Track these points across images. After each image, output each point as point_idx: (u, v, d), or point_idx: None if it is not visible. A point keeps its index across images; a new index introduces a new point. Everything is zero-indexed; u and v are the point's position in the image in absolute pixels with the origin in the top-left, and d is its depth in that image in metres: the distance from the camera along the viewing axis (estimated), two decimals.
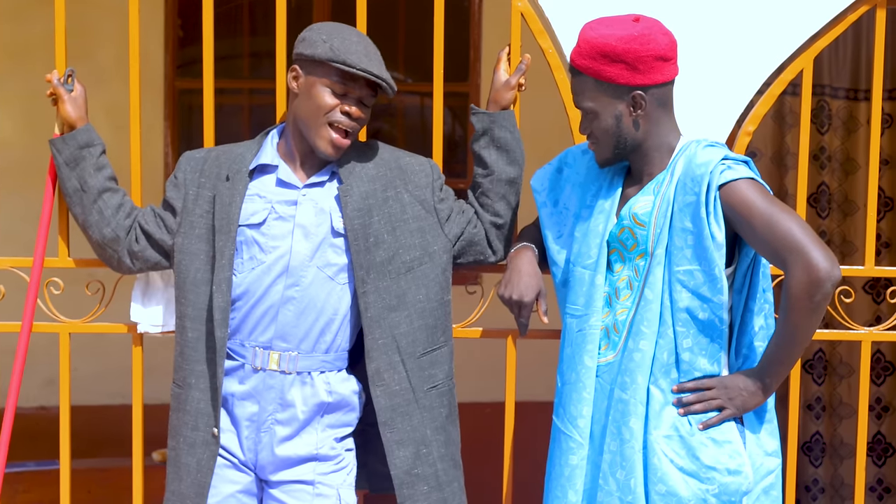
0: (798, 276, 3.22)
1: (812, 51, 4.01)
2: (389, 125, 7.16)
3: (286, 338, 3.57)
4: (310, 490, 3.60)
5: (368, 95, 3.59)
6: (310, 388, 3.60)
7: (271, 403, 3.58)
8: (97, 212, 3.74)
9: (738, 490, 3.34)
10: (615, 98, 3.39)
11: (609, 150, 3.45)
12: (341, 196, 3.57)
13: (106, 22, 6.60)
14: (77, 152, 3.76)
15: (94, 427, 5.41)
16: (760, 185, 3.35)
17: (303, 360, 3.59)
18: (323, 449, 3.61)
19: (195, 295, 3.63)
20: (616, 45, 3.33)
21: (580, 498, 3.46)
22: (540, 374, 5.22)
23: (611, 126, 3.41)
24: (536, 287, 3.62)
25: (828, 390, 6.70)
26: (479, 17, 6.80)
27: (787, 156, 6.48)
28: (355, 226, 3.56)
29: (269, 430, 3.59)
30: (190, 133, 6.86)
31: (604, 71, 3.36)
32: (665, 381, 3.37)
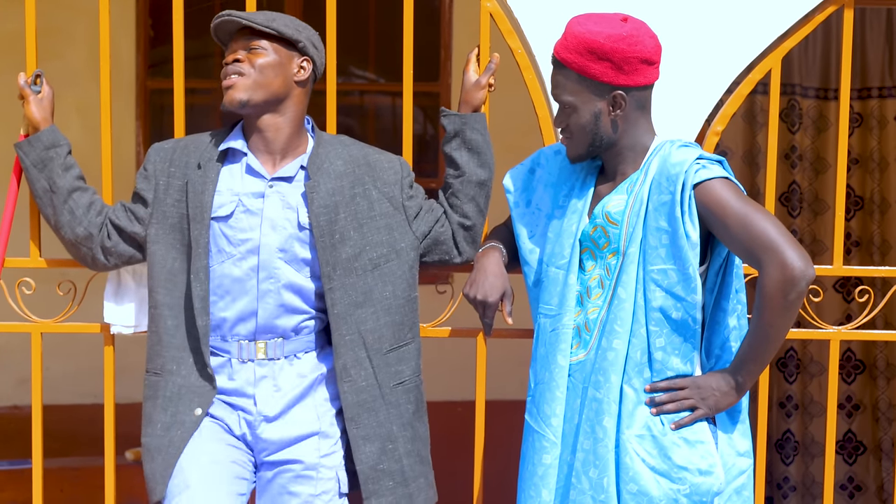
0: (772, 275, 3.24)
1: (780, 50, 4.03)
2: (360, 125, 7.16)
3: (270, 329, 3.59)
4: (312, 475, 3.62)
5: (253, 43, 3.62)
6: (298, 366, 3.63)
7: (265, 391, 3.60)
8: (68, 211, 3.75)
9: (709, 490, 3.35)
10: (596, 95, 3.40)
11: (583, 146, 3.46)
12: (308, 192, 3.59)
13: (77, 22, 6.59)
14: (44, 153, 3.76)
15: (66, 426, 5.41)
16: (734, 185, 3.37)
17: (290, 345, 3.62)
18: (324, 425, 3.64)
19: (172, 284, 3.64)
20: (604, 43, 3.34)
21: (553, 497, 3.47)
22: (511, 372, 5.24)
23: (588, 122, 3.42)
24: (501, 287, 3.64)
25: (799, 388, 6.73)
26: (450, 17, 6.81)
27: (758, 155, 6.51)
28: (321, 222, 3.58)
29: (263, 414, 3.61)
30: (161, 133, 6.84)
31: (589, 67, 3.36)
32: (638, 381, 3.38)
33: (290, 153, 3.67)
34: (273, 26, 3.60)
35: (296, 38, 3.64)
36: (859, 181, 6.63)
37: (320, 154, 3.67)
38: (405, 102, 4.00)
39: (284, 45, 3.64)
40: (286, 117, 3.65)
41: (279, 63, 3.62)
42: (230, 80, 3.60)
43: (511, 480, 4.72)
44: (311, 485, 3.62)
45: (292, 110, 3.66)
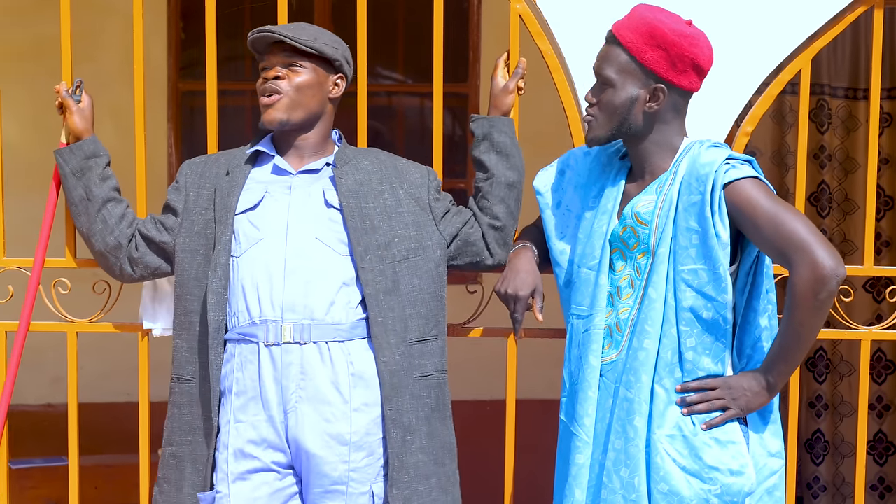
0: (803, 274, 3.24)
1: (810, 51, 4.04)
2: (388, 126, 7.18)
3: (296, 308, 3.57)
4: (342, 490, 3.61)
5: (291, 59, 3.67)
6: (329, 360, 3.59)
7: (293, 381, 3.58)
8: (101, 220, 3.79)
9: (740, 491, 3.36)
10: (639, 81, 3.40)
11: (607, 128, 3.46)
12: (336, 178, 3.65)
13: (109, 25, 6.63)
14: (83, 162, 3.81)
15: (100, 424, 5.45)
16: (764, 185, 3.38)
17: (317, 329, 3.59)
18: (357, 435, 3.61)
19: (199, 290, 3.67)
20: (667, 34, 3.35)
21: (586, 496, 3.48)
22: (540, 372, 5.26)
23: (622, 105, 3.42)
24: (532, 283, 3.65)
25: (829, 388, 6.73)
26: (478, 19, 6.82)
27: (787, 155, 6.50)
28: (350, 204, 3.62)
29: (294, 410, 3.58)
30: (193, 134, 6.89)
31: (644, 51, 3.37)
32: (669, 381, 3.39)
33: (317, 155, 3.74)
34: (315, 46, 3.65)
35: (335, 58, 3.70)
36: (889, 181, 6.62)
37: (347, 154, 3.75)
38: (435, 105, 4.02)
39: (323, 63, 3.70)
40: (316, 130, 3.74)
41: (318, 83, 3.69)
42: (270, 100, 3.65)
43: (541, 480, 4.75)
44: (341, 499, 3.62)
45: (324, 124, 3.76)
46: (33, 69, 6.37)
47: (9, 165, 4.13)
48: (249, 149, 3.74)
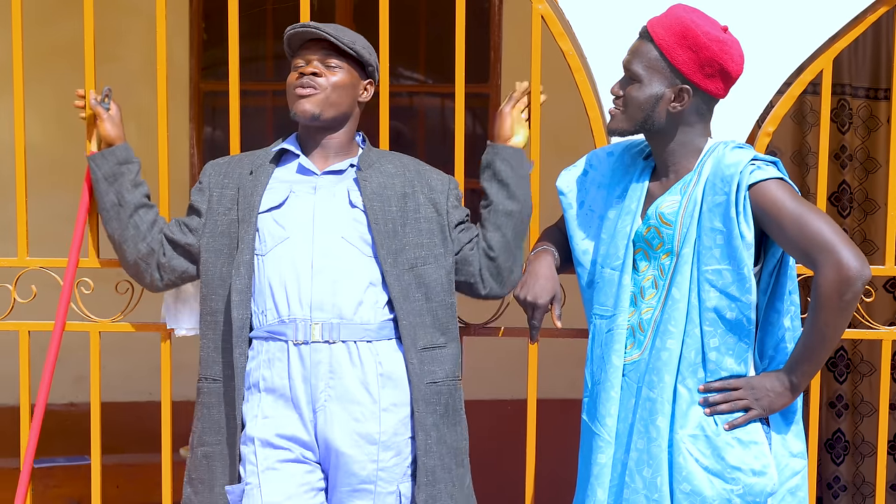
0: (828, 275, 3.25)
1: (832, 51, 4.04)
2: (410, 127, 7.19)
3: (324, 307, 3.58)
4: (370, 489, 3.62)
5: (328, 56, 3.68)
6: (357, 360, 3.61)
7: (321, 380, 3.59)
8: (133, 227, 3.80)
9: (762, 491, 3.36)
10: (666, 80, 3.41)
11: (630, 122, 3.47)
12: (360, 180, 3.67)
13: (131, 25, 6.65)
14: (116, 168, 3.83)
15: (121, 423, 5.47)
16: (789, 186, 3.38)
17: (346, 329, 3.60)
18: (385, 434, 3.63)
19: (224, 289, 3.69)
20: (700, 36, 3.36)
21: (608, 496, 3.49)
22: (561, 372, 5.26)
23: (646, 102, 3.43)
24: (551, 290, 3.65)
25: (849, 388, 6.72)
26: (500, 19, 6.82)
27: (807, 155, 6.50)
28: (375, 207, 3.64)
29: (323, 408, 3.59)
30: (214, 134, 6.91)
31: (674, 50, 3.38)
32: (692, 381, 3.39)
33: (342, 156, 3.75)
34: (355, 48, 3.68)
35: (369, 63, 3.74)
36: None
37: (371, 156, 3.76)
38: (457, 105, 4.03)
39: (357, 66, 3.73)
40: (343, 131, 3.76)
41: (351, 84, 3.71)
42: (305, 91, 3.65)
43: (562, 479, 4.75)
44: (369, 499, 3.63)
45: (350, 125, 3.77)
46: (56, 69, 6.39)
47: (32, 165, 4.15)
48: (274, 147, 3.75)
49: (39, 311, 4.13)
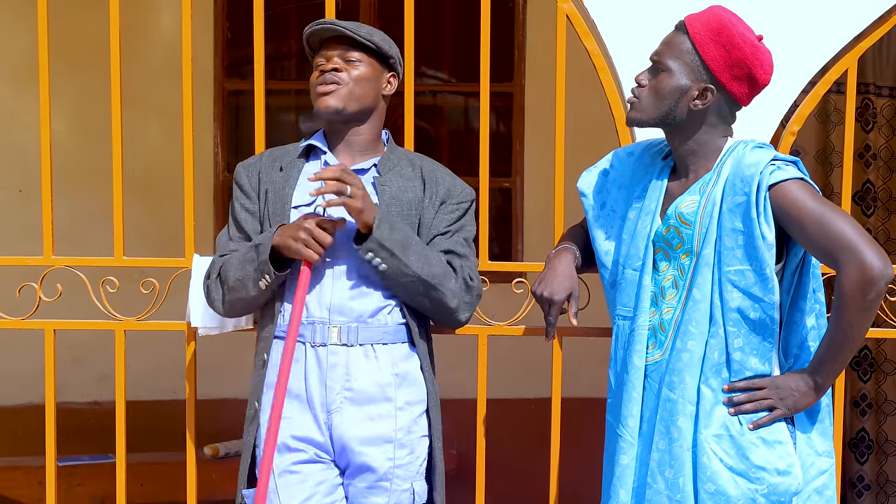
0: (851, 275, 3.24)
1: (857, 50, 4.03)
2: (433, 125, 7.20)
3: (343, 311, 3.60)
4: (386, 486, 3.64)
5: (348, 52, 3.68)
6: (374, 361, 3.62)
7: (338, 382, 3.60)
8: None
9: (787, 490, 3.35)
10: (693, 74, 3.39)
11: (651, 113, 3.44)
12: (377, 185, 3.66)
13: (155, 24, 6.68)
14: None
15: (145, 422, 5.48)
16: (810, 186, 3.37)
17: (364, 332, 3.61)
18: (401, 432, 3.64)
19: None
20: (735, 37, 3.35)
21: (630, 497, 3.49)
22: (584, 370, 5.27)
23: (670, 93, 3.40)
24: (569, 288, 3.64)
25: (873, 387, 6.71)
26: (524, 18, 6.83)
27: (831, 154, 6.49)
28: (392, 212, 3.63)
29: (339, 410, 3.60)
30: (238, 133, 6.93)
31: (707, 45, 3.36)
32: (716, 381, 3.38)
33: (368, 154, 3.74)
34: (373, 40, 3.68)
35: (390, 55, 3.73)
36: None
37: (392, 158, 3.76)
38: (482, 105, 4.03)
39: (378, 59, 3.72)
40: (368, 125, 3.74)
41: (373, 77, 3.70)
42: (327, 87, 3.65)
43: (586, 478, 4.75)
44: (384, 495, 3.65)
45: (375, 120, 3.76)
46: (81, 68, 6.42)
47: (57, 164, 4.16)
48: (302, 143, 3.76)
49: (65, 310, 4.14)
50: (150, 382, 6.21)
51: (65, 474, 5.65)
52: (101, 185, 3.98)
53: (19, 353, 5.59)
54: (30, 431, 5.40)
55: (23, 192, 6.60)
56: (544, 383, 4.29)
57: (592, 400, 4.86)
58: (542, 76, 6.61)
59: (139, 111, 6.27)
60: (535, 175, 6.81)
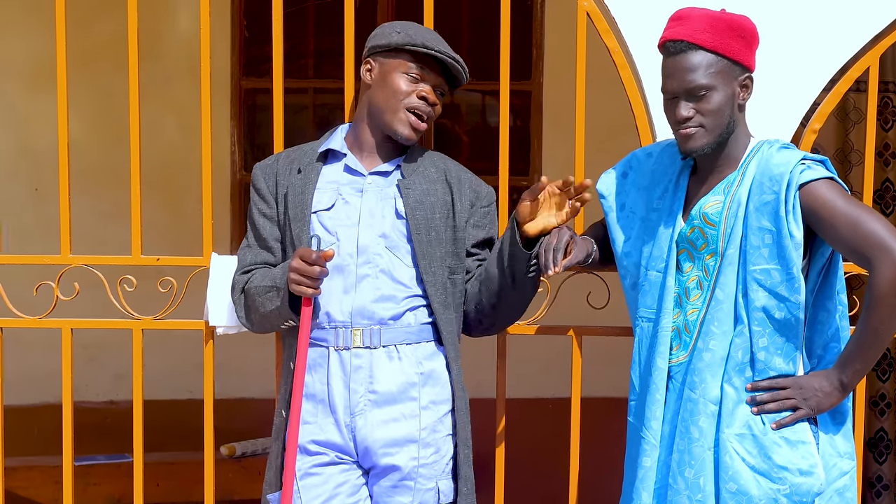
0: (886, 274, 3.23)
1: (878, 49, 4.01)
2: (452, 123, 7.19)
3: (365, 314, 3.59)
4: (410, 485, 3.63)
5: (442, 84, 3.68)
6: (398, 362, 3.61)
7: (361, 384, 3.60)
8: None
9: (809, 491, 3.35)
10: (731, 76, 3.37)
11: (715, 133, 3.39)
12: (402, 188, 3.64)
13: (172, 23, 6.67)
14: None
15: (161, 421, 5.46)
16: (839, 185, 3.36)
17: (387, 334, 3.60)
18: (425, 431, 3.63)
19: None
20: (740, 21, 3.36)
21: (653, 498, 3.49)
22: (603, 370, 5.24)
23: (725, 105, 3.37)
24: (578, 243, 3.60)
25: (892, 387, 6.69)
26: (542, 16, 6.81)
27: (850, 152, 6.46)
28: (417, 216, 3.62)
29: (362, 413, 3.59)
30: (255, 132, 6.92)
31: (729, 45, 3.34)
32: (739, 380, 3.38)
33: (390, 155, 3.72)
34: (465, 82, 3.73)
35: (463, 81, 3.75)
36: None
37: (415, 157, 3.74)
38: (502, 105, 4.02)
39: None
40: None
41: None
42: (422, 125, 3.65)
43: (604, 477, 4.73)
44: (409, 495, 3.64)
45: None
46: (97, 68, 6.42)
47: (74, 163, 4.16)
48: (321, 147, 3.73)
49: (82, 309, 4.13)
50: (167, 382, 6.19)
51: (81, 474, 5.64)
52: (119, 183, 3.98)
53: (36, 352, 5.58)
54: (46, 431, 5.39)
55: (38, 191, 6.60)
56: (563, 383, 4.28)
57: (612, 399, 4.85)
58: (561, 74, 6.60)
59: (156, 110, 6.26)
60: (553, 173, 6.72)
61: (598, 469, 4.71)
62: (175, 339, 4.61)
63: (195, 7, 4.01)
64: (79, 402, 4.46)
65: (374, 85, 3.67)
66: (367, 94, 3.69)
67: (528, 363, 5.57)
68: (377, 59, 3.67)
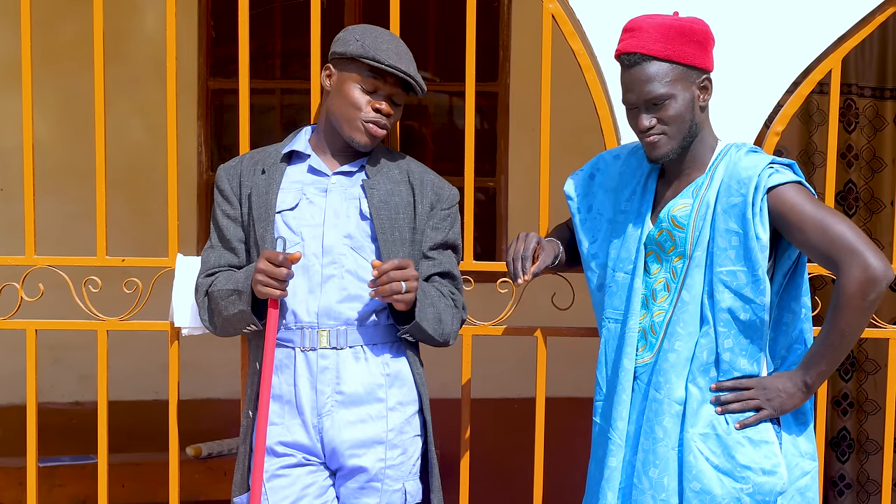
0: (855, 276, 3.25)
1: (840, 51, 4.04)
2: (418, 124, 7.20)
3: (332, 314, 3.59)
4: (377, 486, 3.63)
5: (398, 93, 3.65)
6: (364, 363, 3.62)
7: (328, 385, 3.60)
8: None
9: (772, 490, 3.36)
10: (689, 81, 3.39)
11: (678, 139, 3.41)
12: (366, 188, 3.64)
13: (138, 24, 6.66)
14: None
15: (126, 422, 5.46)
16: (807, 189, 3.39)
17: (353, 334, 3.60)
18: (392, 433, 3.64)
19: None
20: (692, 25, 3.36)
21: (617, 498, 3.50)
22: (567, 370, 5.26)
23: (686, 111, 3.39)
24: (545, 247, 3.63)
25: (854, 386, 6.73)
26: (509, 18, 6.83)
27: (813, 154, 6.50)
28: (382, 216, 3.62)
29: (329, 414, 3.60)
30: (221, 132, 6.91)
31: (683, 51, 3.35)
32: (704, 380, 3.40)
33: (353, 155, 3.72)
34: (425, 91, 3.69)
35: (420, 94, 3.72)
36: None
37: (379, 158, 3.73)
38: (468, 106, 4.02)
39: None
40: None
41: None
42: (379, 131, 3.62)
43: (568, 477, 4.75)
44: (376, 496, 3.64)
45: None
46: (62, 68, 6.40)
47: (38, 164, 4.14)
48: (285, 148, 3.74)
49: (46, 310, 4.12)
50: (133, 382, 6.18)
51: (45, 475, 5.63)
52: (84, 184, 3.97)
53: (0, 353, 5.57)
54: (10, 432, 5.38)
55: (3, 192, 6.58)
56: (527, 383, 4.29)
57: (576, 399, 4.87)
58: (527, 76, 6.62)
59: (123, 110, 6.25)
60: (519, 174, 6.81)
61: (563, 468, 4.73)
62: (140, 339, 4.60)
63: (161, 7, 4.01)
64: (43, 402, 4.45)
65: (332, 92, 3.66)
66: (327, 100, 3.69)
67: (494, 364, 5.59)
68: (336, 65, 3.66)
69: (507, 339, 4.16)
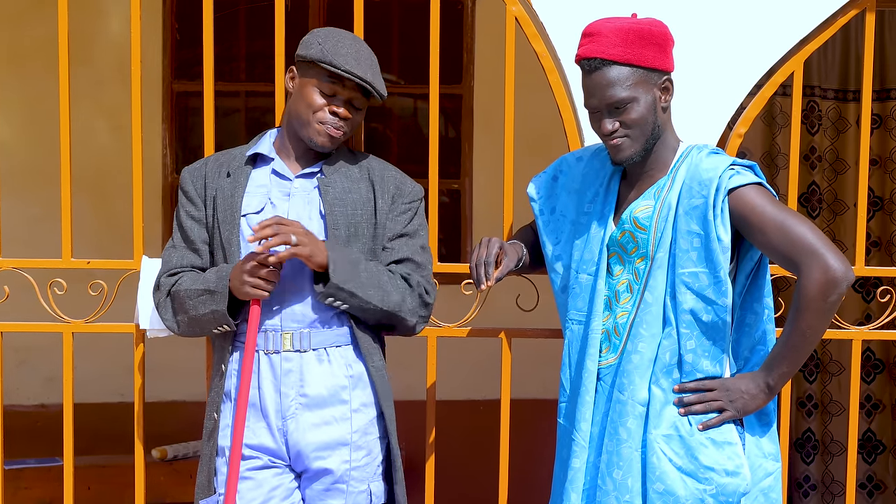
0: (815, 277, 3.26)
1: (802, 53, 4.06)
2: (383, 126, 7.20)
3: (295, 317, 3.59)
4: (342, 488, 3.63)
5: (358, 97, 3.64)
6: (328, 365, 3.61)
7: (292, 388, 3.59)
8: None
9: (735, 491, 3.37)
10: (650, 83, 3.39)
11: (641, 141, 3.42)
12: (321, 186, 3.64)
13: (104, 25, 6.64)
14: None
15: (92, 424, 5.45)
16: (767, 190, 3.40)
17: (316, 337, 3.60)
18: (356, 434, 3.63)
19: None
20: (650, 28, 3.37)
21: (581, 499, 3.50)
22: (532, 372, 5.28)
23: (648, 114, 3.39)
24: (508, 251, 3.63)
25: (819, 388, 6.76)
26: (472, 21, 6.84)
27: (777, 156, 6.53)
28: (335, 213, 3.61)
29: (294, 416, 3.59)
30: (186, 134, 6.90)
31: (642, 54, 3.36)
32: (667, 381, 3.40)
33: (314, 158, 3.71)
34: (384, 96, 3.67)
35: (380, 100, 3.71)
36: (878, 182, 6.66)
37: (339, 158, 3.72)
38: (432, 108, 4.04)
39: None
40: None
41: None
42: (337, 133, 3.60)
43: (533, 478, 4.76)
44: (341, 498, 3.64)
45: None
46: (26, 70, 6.38)
47: (3, 165, 4.14)
48: (249, 151, 3.73)
49: (11, 312, 4.11)
50: (98, 385, 6.17)
51: (11, 477, 5.60)
52: (49, 186, 3.96)
53: None
54: None
55: None
56: (492, 385, 4.30)
57: (541, 401, 4.89)
58: (491, 78, 6.63)
59: (87, 112, 6.24)
60: (484, 176, 6.82)
61: (528, 469, 4.74)
62: (105, 342, 4.59)
63: (126, 9, 3.99)
64: (9, 405, 4.43)
65: (293, 94, 3.66)
66: (289, 102, 3.69)
67: (459, 365, 5.60)
68: (298, 68, 3.67)
69: (472, 341, 4.17)
